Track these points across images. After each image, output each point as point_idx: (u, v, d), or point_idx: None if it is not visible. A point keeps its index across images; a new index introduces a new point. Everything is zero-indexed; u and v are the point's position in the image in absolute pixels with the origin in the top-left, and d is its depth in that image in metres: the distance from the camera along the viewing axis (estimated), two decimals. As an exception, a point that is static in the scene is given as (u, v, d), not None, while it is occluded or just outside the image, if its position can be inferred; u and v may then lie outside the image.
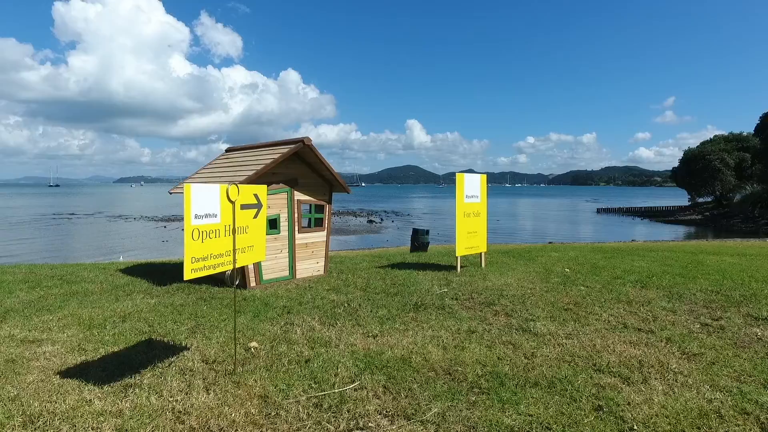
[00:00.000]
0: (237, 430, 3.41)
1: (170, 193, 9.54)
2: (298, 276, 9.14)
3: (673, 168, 64.27)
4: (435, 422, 3.53)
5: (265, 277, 8.62)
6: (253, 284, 8.41)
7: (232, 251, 4.18)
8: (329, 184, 9.61)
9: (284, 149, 8.50)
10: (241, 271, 8.31)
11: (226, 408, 3.70)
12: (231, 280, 3.87)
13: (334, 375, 4.34)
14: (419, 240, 15.80)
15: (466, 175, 9.84)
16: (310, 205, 9.35)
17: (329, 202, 9.64)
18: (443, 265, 10.75)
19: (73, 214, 59.32)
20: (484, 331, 5.68)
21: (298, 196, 9.06)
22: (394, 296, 7.51)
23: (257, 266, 8.45)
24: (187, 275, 3.70)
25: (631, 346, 5.18)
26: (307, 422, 3.50)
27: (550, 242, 26.61)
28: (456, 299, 7.32)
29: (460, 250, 9.74)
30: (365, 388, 4.09)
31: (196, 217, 3.73)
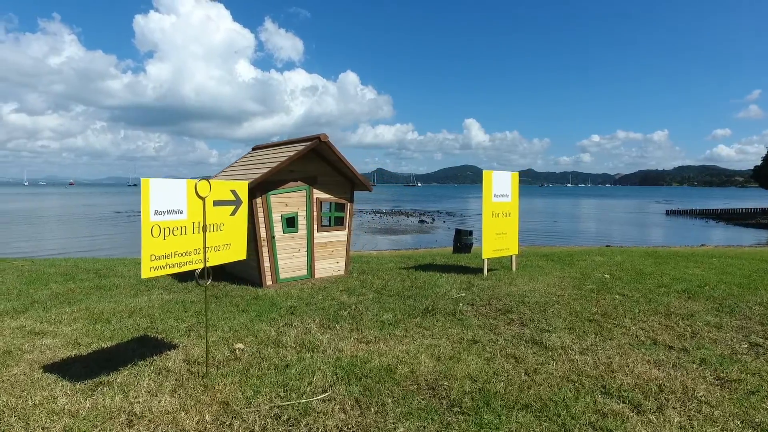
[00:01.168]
0: (183, 438, 3.22)
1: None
2: (316, 276, 8.98)
3: (755, 167, 58.57)
4: (396, 444, 3.16)
5: (282, 276, 8.52)
6: (269, 283, 8.34)
7: (202, 249, 4.01)
8: (350, 182, 9.37)
9: (300, 147, 8.36)
10: (257, 269, 8.27)
11: (183, 413, 3.53)
12: (198, 279, 3.69)
13: (308, 383, 4.07)
14: (462, 240, 15.22)
15: (494, 172, 9.26)
16: (330, 203, 9.16)
17: (351, 200, 9.40)
18: (472, 267, 10.21)
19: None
20: (489, 342, 5.20)
21: (318, 194, 8.90)
22: (406, 299, 7.15)
23: (273, 265, 8.38)
24: (145, 274, 3.57)
25: (654, 366, 4.51)
26: (259, 435, 3.26)
27: (607, 245, 24.96)
28: (472, 305, 6.84)
29: (487, 252, 9.17)
30: (334, 399, 3.78)
31: (156, 213, 3.59)
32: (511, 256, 9.69)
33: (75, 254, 19.54)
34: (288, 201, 8.53)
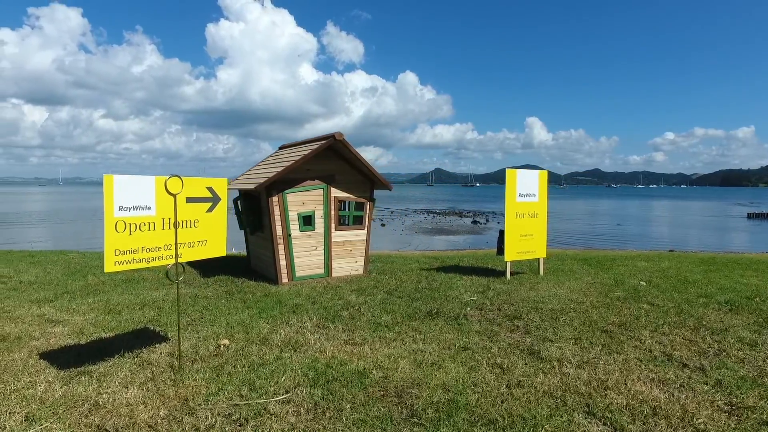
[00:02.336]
0: (130, 430, 3.25)
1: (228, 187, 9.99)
2: (334, 275, 8.96)
3: None
4: (335, 453, 3.02)
5: (298, 274, 8.58)
6: (285, 280, 8.43)
7: (174, 245, 4.07)
8: (370, 181, 9.27)
9: (314, 145, 8.37)
10: (274, 267, 8.38)
11: (141, 406, 3.58)
12: (169, 275, 3.74)
13: (275, 383, 4.01)
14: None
15: (519, 171, 8.80)
16: (349, 202, 9.10)
17: (370, 199, 9.30)
18: (498, 270, 9.77)
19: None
20: (481, 349, 4.90)
21: (335, 192, 8.87)
22: (414, 301, 6.93)
23: (289, 263, 8.46)
24: (109, 268, 3.66)
25: (657, 385, 4.04)
26: (200, 433, 3.23)
27: (671, 250, 23.19)
28: (480, 309, 6.52)
29: (510, 255, 8.73)
30: (293, 401, 3.70)
31: (120, 209, 3.67)
32: (539, 259, 9.16)
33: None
34: (305, 199, 8.57)
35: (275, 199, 8.23)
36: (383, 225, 35.56)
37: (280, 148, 10.84)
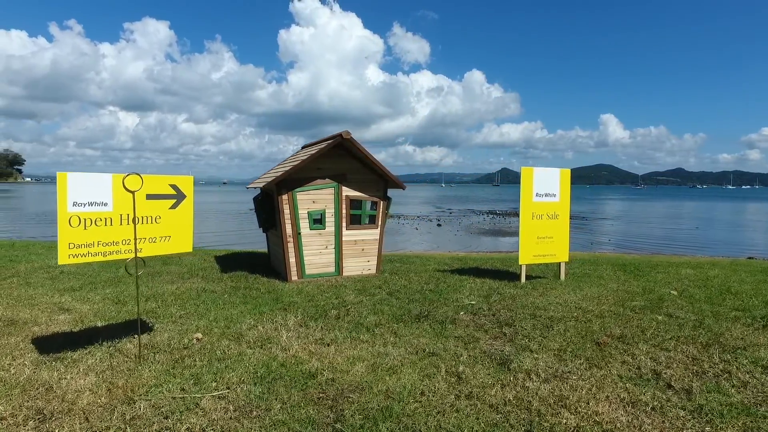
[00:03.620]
0: (63, 416, 3.42)
1: (247, 188, 10.33)
2: (345, 273, 8.95)
3: None
4: (237, 453, 2.98)
5: (308, 272, 8.66)
6: (294, 278, 8.54)
7: (133, 240, 4.23)
8: (383, 180, 9.16)
9: (322, 145, 8.40)
10: (284, 264, 8.53)
11: (87, 393, 3.76)
12: (128, 269, 3.91)
13: (222, 379, 4.05)
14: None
15: (536, 169, 8.28)
16: (361, 201, 9.05)
17: (383, 198, 9.19)
18: (519, 274, 9.26)
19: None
20: (449, 356, 4.65)
21: (347, 191, 8.86)
22: (411, 303, 6.76)
23: (299, 261, 8.56)
24: (62, 260, 3.87)
25: (624, 406, 3.62)
26: (116, 423, 3.32)
27: (750, 257, 20.97)
28: (474, 314, 6.21)
29: (526, 258, 8.26)
30: (227, 398, 3.71)
31: (74, 204, 3.88)
32: (560, 263, 8.59)
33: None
34: (315, 198, 8.64)
35: (285, 197, 8.37)
36: (439, 225, 35.10)
37: (303, 147, 11.01)
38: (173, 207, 4.50)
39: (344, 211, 8.85)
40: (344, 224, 8.88)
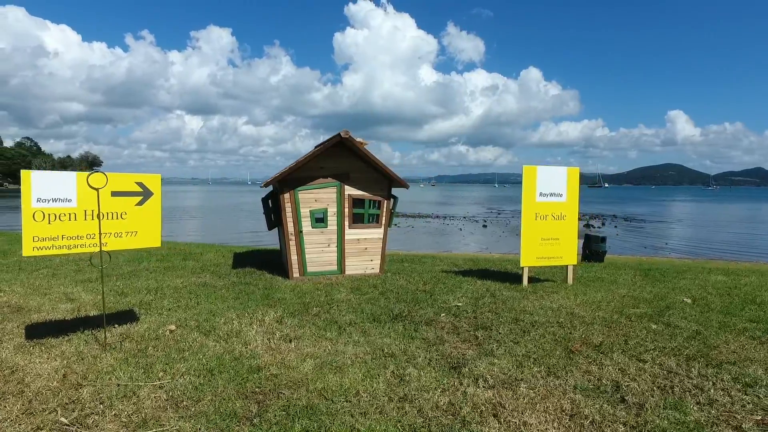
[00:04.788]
0: (11, 397, 3.67)
1: (261, 186, 10.56)
2: (347, 272, 8.98)
3: None
4: (147, 441, 3.08)
5: (310, 269, 8.78)
6: (296, 275, 8.68)
7: (98, 235, 4.47)
8: (387, 179, 9.11)
9: (321, 145, 8.47)
10: (287, 261, 8.69)
11: (44, 377, 4.01)
12: (93, 262, 4.16)
13: (171, 369, 4.20)
14: (591, 247, 13.18)
15: (539, 167, 7.94)
16: (364, 200, 9.04)
17: (387, 198, 9.14)
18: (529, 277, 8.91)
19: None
20: (404, 358, 4.56)
21: (350, 191, 8.88)
22: (397, 302, 6.69)
23: (301, 259, 8.69)
24: (27, 252, 4.16)
25: (561, 418, 3.40)
26: (52, 406, 3.52)
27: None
28: (456, 316, 6.05)
29: (527, 260, 7.93)
30: (162, 388, 3.84)
31: (38, 200, 4.16)
32: (568, 266, 8.18)
33: (211, 240, 22.69)
34: (317, 197, 8.74)
35: (287, 196, 8.53)
36: (485, 226, 34.30)
37: (315, 147, 11.16)
38: (140, 204, 4.72)
39: (347, 210, 8.88)
40: (347, 223, 8.92)
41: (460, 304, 6.65)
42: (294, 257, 8.68)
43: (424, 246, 20.78)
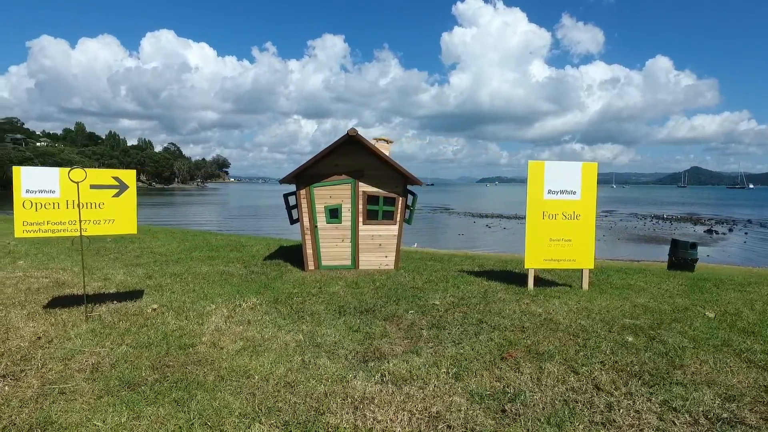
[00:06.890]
0: (-12, 351, 4.48)
1: (280, 182, 10.84)
2: (361, 267, 9.17)
3: None
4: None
5: (324, 263, 9.12)
6: (311, 268, 9.08)
7: (78, 221, 5.22)
8: (403, 176, 9.10)
9: (333, 144, 8.72)
10: (302, 254, 9.13)
11: (24, 338, 4.81)
12: (74, 245, 4.95)
13: (122, 340, 4.76)
14: (679, 254, 11.87)
15: (548, 162, 7.34)
16: (379, 197, 9.14)
17: (402, 195, 9.13)
18: (544, 280, 8.29)
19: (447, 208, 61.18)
20: (326, 349, 4.65)
21: (364, 187, 9.05)
22: (378, 298, 6.73)
23: (315, 252, 9.07)
24: (18, 234, 5.01)
25: (414, 420, 3.26)
26: (14, 359, 4.22)
27: None
28: (423, 314, 5.92)
29: (531, 262, 7.40)
30: (99, 355, 4.39)
31: (27, 191, 4.99)
32: (583, 270, 7.48)
33: (268, 233, 23.88)
34: (332, 193, 9.04)
35: (303, 192, 8.96)
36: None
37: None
38: (116, 195, 5.41)
39: (361, 206, 9.06)
40: (361, 219, 9.10)
41: (437, 302, 6.47)
42: (309, 251, 9.09)
43: (484, 245, 20.10)
